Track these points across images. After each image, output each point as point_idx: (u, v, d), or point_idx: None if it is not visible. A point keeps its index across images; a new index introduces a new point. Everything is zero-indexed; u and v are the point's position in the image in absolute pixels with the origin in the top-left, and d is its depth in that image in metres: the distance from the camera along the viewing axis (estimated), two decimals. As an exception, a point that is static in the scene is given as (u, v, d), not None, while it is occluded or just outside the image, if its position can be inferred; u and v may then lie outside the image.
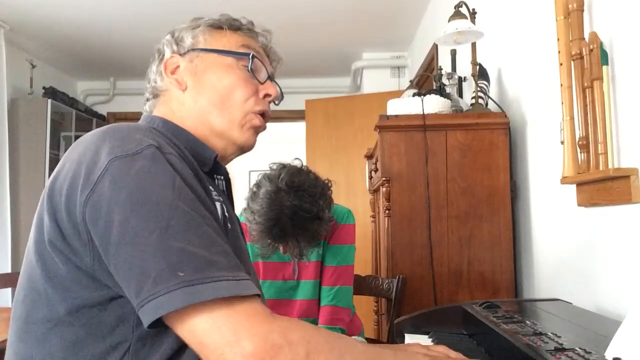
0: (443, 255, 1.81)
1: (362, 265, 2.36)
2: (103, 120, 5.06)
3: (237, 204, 1.79)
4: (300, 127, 4.71)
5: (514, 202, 1.86)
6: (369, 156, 2.46)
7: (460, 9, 1.85)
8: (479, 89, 1.91)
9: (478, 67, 1.96)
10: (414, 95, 2.01)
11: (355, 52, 4.45)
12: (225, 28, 0.94)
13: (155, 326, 0.66)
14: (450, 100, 1.96)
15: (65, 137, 4.54)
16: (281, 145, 5.66)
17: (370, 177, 2.43)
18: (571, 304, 1.36)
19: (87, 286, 0.72)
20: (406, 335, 1.36)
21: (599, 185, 1.29)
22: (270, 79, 0.96)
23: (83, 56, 4.50)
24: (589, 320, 1.16)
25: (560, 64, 1.37)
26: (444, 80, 2.10)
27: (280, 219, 1.57)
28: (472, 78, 1.95)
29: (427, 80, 3.12)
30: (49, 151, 4.20)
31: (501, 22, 2.08)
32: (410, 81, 2.57)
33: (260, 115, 0.94)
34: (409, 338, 1.33)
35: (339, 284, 1.78)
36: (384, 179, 1.86)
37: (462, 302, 1.39)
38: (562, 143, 1.39)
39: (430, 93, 1.96)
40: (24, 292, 0.77)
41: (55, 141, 4.40)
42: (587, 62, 1.28)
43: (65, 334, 0.72)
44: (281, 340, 0.66)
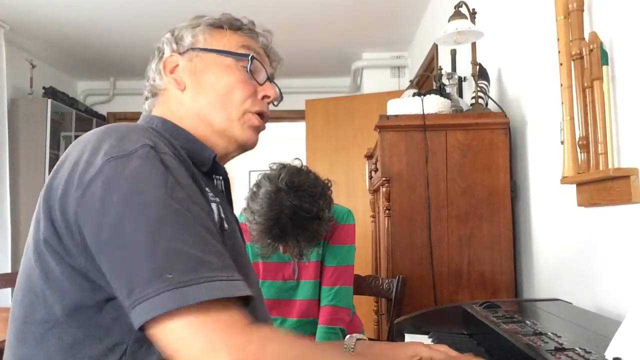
0: (443, 255, 1.81)
1: (362, 265, 2.36)
2: (103, 120, 5.06)
3: (237, 204, 1.80)
4: (300, 127, 4.71)
5: (514, 202, 1.86)
6: (369, 156, 2.46)
7: (460, 9, 1.85)
8: (479, 89, 1.91)
9: (478, 67, 1.96)
10: (414, 95, 2.01)
11: (355, 52, 4.45)
12: (225, 28, 0.94)
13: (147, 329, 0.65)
14: (450, 100, 1.96)
15: (65, 137, 4.54)
16: (281, 145, 5.66)
17: (370, 177, 2.43)
18: (571, 304, 1.36)
19: (82, 287, 0.71)
20: (406, 335, 1.36)
21: (599, 185, 1.29)
22: (269, 80, 0.95)
23: (83, 56, 4.49)
24: (589, 320, 1.16)
25: (560, 64, 1.37)
26: (444, 80, 2.10)
27: (280, 219, 1.57)
28: (472, 78, 1.95)
29: (427, 80, 3.12)
30: (49, 151, 4.20)
31: (501, 22, 2.08)
32: (410, 81, 2.57)
33: (259, 115, 0.93)
34: (409, 338, 1.33)
35: (338, 283, 1.78)
36: (384, 179, 1.86)
37: (462, 302, 1.39)
38: (562, 143, 1.39)
39: (430, 93, 1.96)
40: (22, 293, 0.76)
41: (55, 141, 4.40)
42: (587, 62, 1.28)
43: (63, 335, 0.72)
44: (259, 352, 0.64)
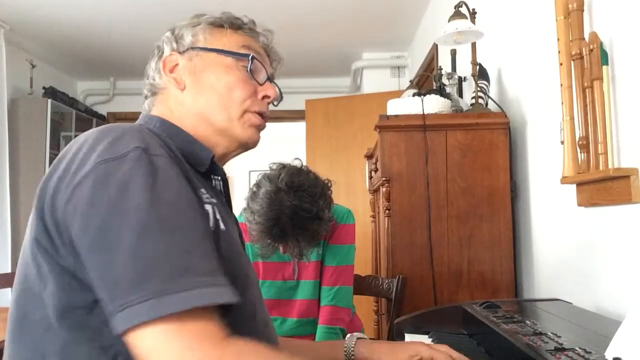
0: (443, 255, 1.81)
1: (362, 265, 2.36)
2: (103, 120, 5.06)
3: (237, 204, 1.80)
4: (300, 127, 4.71)
5: (514, 202, 1.86)
6: (369, 156, 2.46)
7: (460, 9, 1.85)
8: (479, 89, 1.91)
9: (478, 67, 1.96)
10: (414, 95, 2.01)
11: (355, 52, 4.45)
12: (226, 27, 0.93)
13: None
14: (450, 100, 1.96)
15: (65, 137, 4.54)
16: (281, 145, 5.65)
17: (370, 177, 2.43)
18: (571, 304, 1.36)
19: (72, 287, 0.71)
20: (406, 335, 1.36)
21: (599, 185, 1.29)
22: (269, 80, 0.95)
23: (83, 56, 4.49)
24: (589, 320, 1.16)
25: (560, 64, 1.37)
26: (444, 80, 2.10)
27: (280, 219, 1.57)
28: (472, 78, 1.95)
29: (427, 80, 3.12)
30: (49, 151, 4.20)
31: (501, 22, 2.08)
32: (410, 81, 2.57)
33: (259, 114, 0.93)
34: (409, 338, 1.33)
35: (338, 283, 1.78)
36: (384, 179, 1.86)
37: (462, 302, 1.39)
38: (562, 143, 1.39)
39: (430, 93, 1.96)
40: (19, 293, 0.76)
41: (55, 141, 4.40)
42: (587, 62, 1.28)
43: (56, 337, 0.71)
44: None
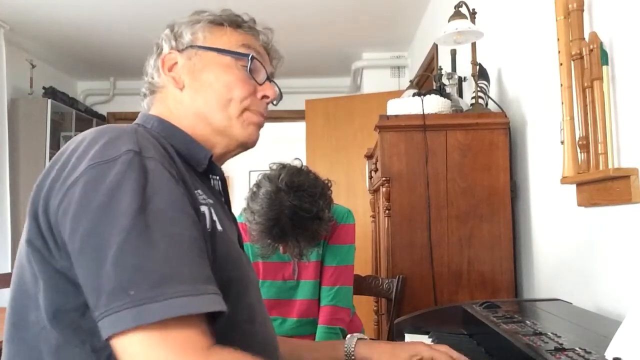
0: (443, 255, 1.81)
1: (362, 265, 2.36)
2: (103, 120, 5.06)
3: (237, 204, 1.80)
4: (300, 127, 4.71)
5: (514, 202, 1.86)
6: (369, 156, 2.46)
7: (460, 9, 1.85)
8: (479, 89, 1.91)
9: (478, 67, 1.96)
10: (414, 95, 2.01)
11: (355, 52, 4.45)
12: (226, 25, 0.92)
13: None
14: (450, 100, 1.96)
15: (65, 137, 4.54)
16: (281, 145, 5.65)
17: (370, 177, 2.43)
18: (571, 304, 1.36)
19: (65, 289, 0.70)
20: (406, 335, 1.36)
21: (599, 185, 1.29)
22: (269, 79, 0.94)
23: (83, 56, 4.49)
24: (589, 320, 1.16)
25: (560, 64, 1.37)
26: (444, 80, 2.10)
27: (280, 219, 1.57)
28: (472, 78, 1.95)
29: (427, 80, 3.12)
30: (49, 151, 4.20)
31: (501, 22, 2.08)
32: (410, 81, 2.57)
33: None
34: (409, 338, 1.33)
35: (338, 283, 1.78)
36: (384, 179, 1.86)
37: (462, 302, 1.39)
38: (562, 143, 1.39)
39: (430, 93, 1.96)
40: (15, 294, 0.76)
41: (55, 141, 4.40)
42: (587, 62, 1.28)
43: (50, 339, 0.71)
44: None
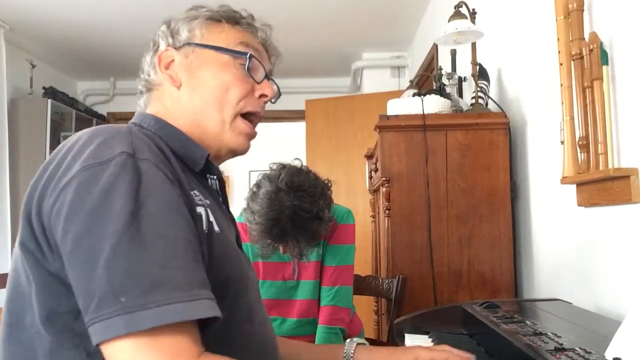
0: (443, 255, 1.81)
1: (362, 265, 2.36)
2: (103, 120, 5.06)
3: (237, 204, 1.80)
4: (300, 127, 4.71)
5: (514, 202, 1.86)
6: (369, 156, 2.46)
7: (460, 9, 1.85)
8: (479, 89, 1.91)
9: (478, 67, 1.96)
10: (414, 95, 2.01)
11: (355, 52, 4.45)
12: (223, 21, 0.91)
13: None
14: (450, 100, 1.96)
15: (65, 137, 4.41)
16: (281, 145, 5.66)
17: (370, 177, 2.43)
18: (571, 304, 1.36)
19: (58, 293, 0.70)
20: (406, 335, 1.36)
21: (599, 185, 1.29)
22: (267, 77, 0.93)
23: (83, 56, 4.49)
24: (589, 320, 1.16)
25: (560, 64, 1.37)
26: (444, 80, 2.10)
27: (280, 219, 1.57)
28: (472, 78, 1.95)
29: (427, 80, 3.12)
30: (49, 151, 4.19)
31: (501, 22, 2.08)
32: (410, 81, 2.57)
33: (254, 114, 0.91)
34: (409, 338, 1.33)
35: (338, 283, 1.78)
36: (384, 179, 1.86)
37: (462, 302, 1.39)
38: (562, 143, 1.39)
39: (430, 93, 1.96)
40: (10, 296, 0.75)
41: (55, 141, 4.39)
42: (587, 62, 1.28)
43: (45, 340, 0.71)
44: None
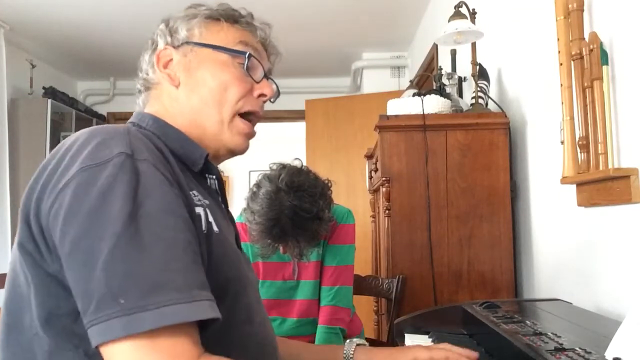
0: (443, 255, 1.81)
1: (362, 265, 2.36)
2: (103, 120, 5.06)
3: (237, 204, 1.80)
4: (300, 127, 4.71)
5: (514, 202, 1.86)
6: (369, 156, 2.46)
7: (460, 9, 1.85)
8: (479, 89, 1.91)
9: (478, 67, 1.96)
10: (414, 95, 2.01)
11: (355, 52, 4.45)
12: (222, 20, 0.91)
13: None
14: (450, 100, 1.96)
15: (65, 137, 4.50)
16: (281, 145, 5.66)
17: (370, 177, 2.43)
18: (571, 304, 1.36)
19: (57, 295, 0.69)
20: (406, 335, 1.36)
21: (599, 185, 1.29)
22: (266, 76, 0.93)
23: (83, 56, 4.49)
24: (589, 320, 1.16)
25: (560, 64, 1.37)
26: (444, 80, 2.10)
27: (280, 219, 1.57)
28: (472, 78, 1.95)
29: (427, 80, 3.12)
30: (49, 151, 4.15)
31: (501, 22, 2.08)
32: (410, 81, 2.57)
33: (252, 114, 0.91)
34: (409, 338, 1.33)
35: (338, 283, 1.78)
36: (384, 179, 1.86)
37: (462, 302, 1.39)
38: (562, 143, 1.39)
39: (430, 93, 1.96)
40: (8, 298, 0.75)
41: (55, 141, 4.38)
42: (587, 62, 1.28)
43: (43, 342, 0.70)
44: None
